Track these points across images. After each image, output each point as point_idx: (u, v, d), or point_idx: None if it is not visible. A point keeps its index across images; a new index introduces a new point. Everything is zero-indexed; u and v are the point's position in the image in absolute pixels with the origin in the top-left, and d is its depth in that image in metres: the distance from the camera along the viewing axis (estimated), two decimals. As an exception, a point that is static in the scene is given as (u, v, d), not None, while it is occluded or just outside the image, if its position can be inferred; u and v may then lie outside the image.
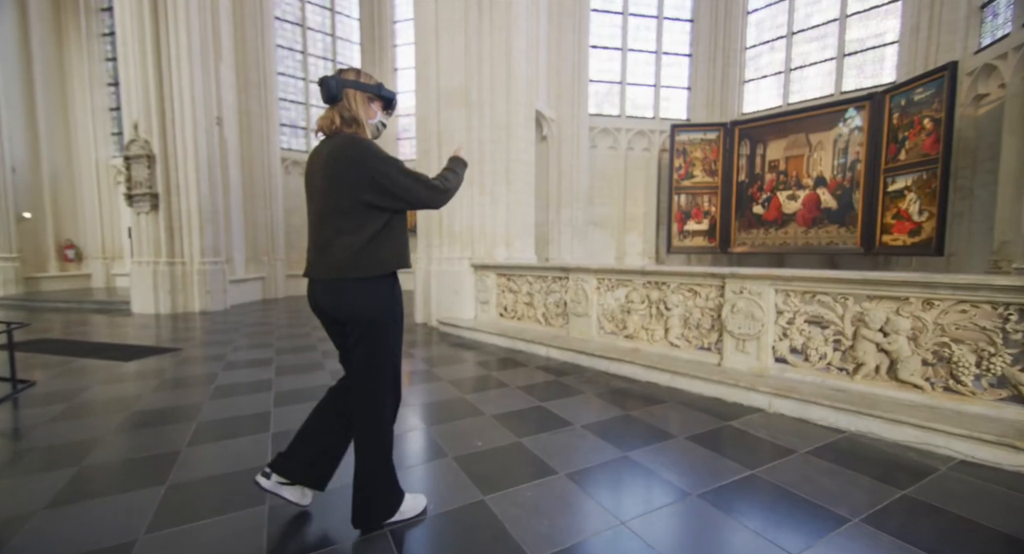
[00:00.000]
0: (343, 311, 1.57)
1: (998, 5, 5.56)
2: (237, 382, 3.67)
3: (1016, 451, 2.15)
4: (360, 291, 1.55)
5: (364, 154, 1.50)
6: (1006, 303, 2.42)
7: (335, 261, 1.53)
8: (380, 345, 1.60)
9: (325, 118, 1.59)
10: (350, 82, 1.58)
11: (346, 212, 1.52)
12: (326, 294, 1.58)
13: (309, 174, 1.64)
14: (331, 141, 1.57)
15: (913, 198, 5.63)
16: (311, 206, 1.63)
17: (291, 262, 10.91)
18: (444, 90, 5.89)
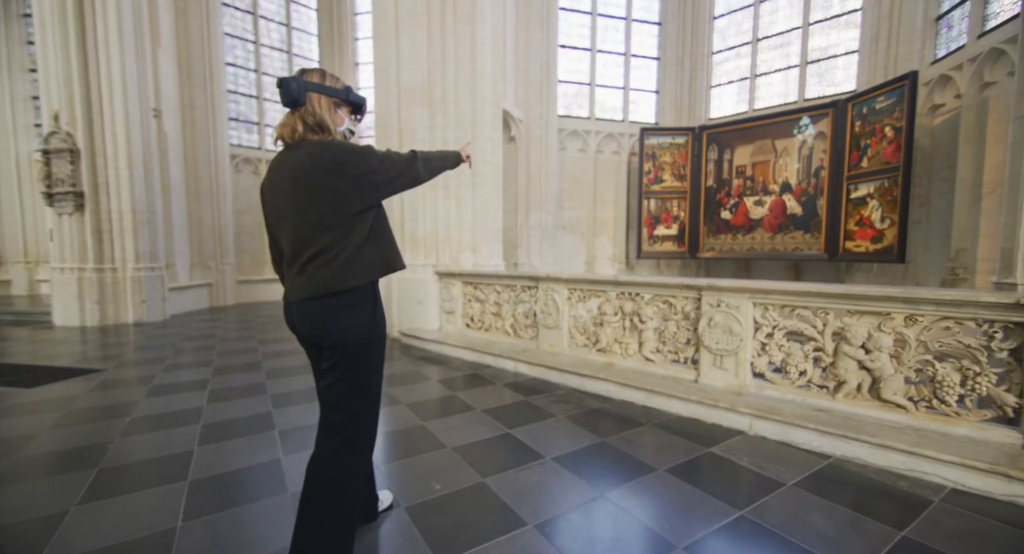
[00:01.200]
0: (324, 334, 1.42)
1: (952, 18, 5.72)
2: (160, 412, 3.20)
3: (1008, 480, 2.04)
4: (342, 309, 1.40)
5: (343, 159, 1.35)
6: (991, 320, 2.32)
7: (320, 280, 1.38)
8: (361, 371, 1.45)
9: (285, 125, 1.42)
10: (314, 85, 1.42)
11: (331, 227, 1.37)
12: (305, 317, 1.44)
13: (272, 188, 1.45)
14: (297, 151, 1.40)
15: (875, 205, 5.70)
16: (281, 224, 1.44)
17: (242, 267, 10.19)
18: (405, 86, 5.52)
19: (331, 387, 1.45)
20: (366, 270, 1.43)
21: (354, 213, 1.39)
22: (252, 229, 10.49)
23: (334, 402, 1.46)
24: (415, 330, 5.49)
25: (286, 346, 5.38)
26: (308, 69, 1.46)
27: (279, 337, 5.97)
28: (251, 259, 10.47)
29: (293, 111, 1.42)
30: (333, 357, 1.42)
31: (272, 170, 1.47)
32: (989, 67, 5.02)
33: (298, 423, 3.00)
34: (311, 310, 1.42)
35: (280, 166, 1.43)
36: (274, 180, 1.44)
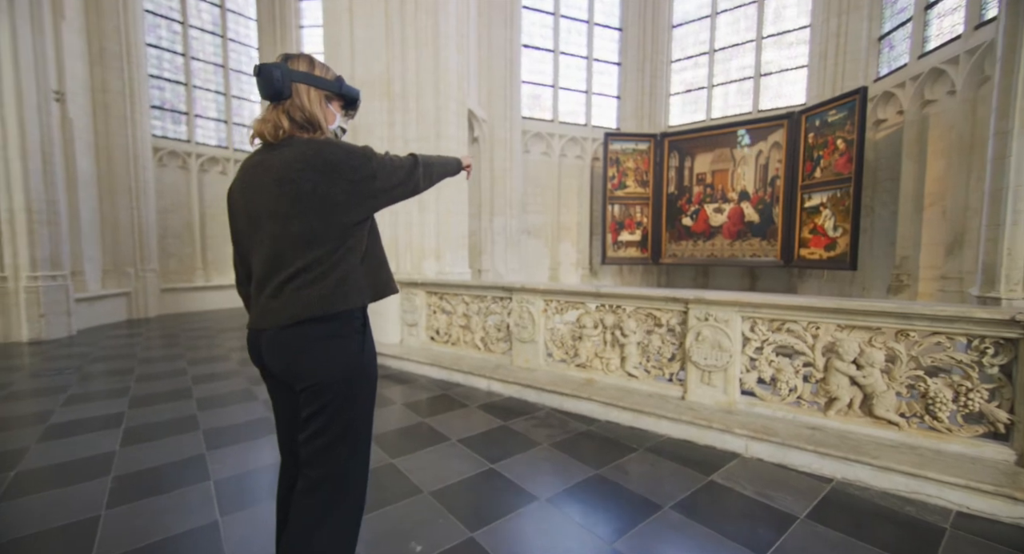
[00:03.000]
0: (302, 371, 1.18)
1: (894, 38, 6.09)
2: (57, 462, 2.58)
3: (1015, 502, 2.00)
4: (326, 339, 1.18)
5: (340, 160, 1.15)
6: (982, 336, 2.32)
7: (301, 302, 1.15)
8: (351, 415, 1.22)
9: (265, 121, 1.19)
10: (301, 75, 1.20)
11: (319, 241, 1.16)
12: (279, 349, 1.18)
13: (245, 193, 1.22)
14: (282, 150, 1.17)
15: (828, 214, 5.93)
16: (254, 236, 1.21)
17: (167, 273, 9.10)
18: (361, 79, 5.04)
19: (311, 440, 1.20)
20: (357, 293, 1.22)
21: (348, 225, 1.19)
22: (179, 230, 9.42)
23: (315, 459, 1.20)
24: (373, 344, 5.01)
25: (222, 366, 4.72)
26: (292, 55, 1.22)
27: (213, 355, 5.27)
28: (178, 264, 9.39)
29: (275, 105, 1.19)
30: (314, 402, 1.18)
31: (246, 171, 1.23)
32: (929, 86, 5.35)
33: (239, 468, 2.51)
34: (287, 340, 1.17)
35: (258, 167, 1.20)
36: (249, 183, 1.20)
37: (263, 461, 2.59)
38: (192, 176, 9.63)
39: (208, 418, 3.26)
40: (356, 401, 1.24)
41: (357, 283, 1.22)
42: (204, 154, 9.83)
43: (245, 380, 4.20)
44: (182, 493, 2.25)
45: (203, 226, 9.78)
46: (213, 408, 3.47)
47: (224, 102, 10.36)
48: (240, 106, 10.62)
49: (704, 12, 8.22)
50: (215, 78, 10.28)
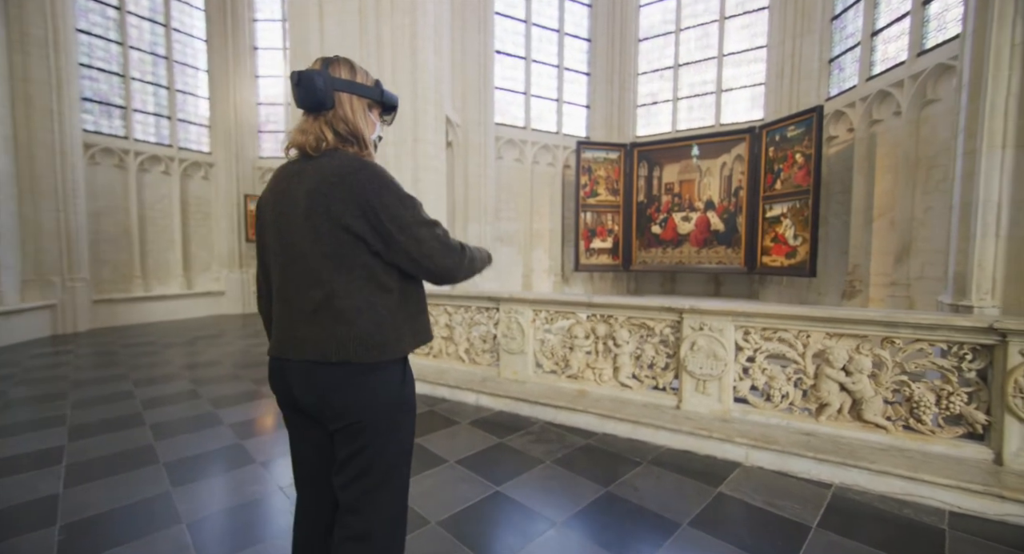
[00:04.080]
0: (341, 409, 1.08)
1: (844, 61, 6.56)
2: (-16, 514, 2.18)
3: (1002, 500, 2.13)
4: (368, 375, 1.08)
5: (376, 183, 1.05)
6: (961, 342, 2.47)
7: (329, 337, 1.06)
8: (395, 451, 1.13)
9: (306, 133, 1.09)
10: (343, 83, 1.11)
11: (346, 264, 1.06)
12: (312, 385, 1.08)
13: (278, 203, 1.13)
14: (320, 161, 1.08)
15: (788, 224, 6.27)
16: (283, 251, 1.12)
17: (100, 283, 8.23)
18: (332, 76, 4.77)
19: (352, 484, 1.10)
20: (397, 341, 1.12)
21: (374, 260, 1.10)
22: (115, 235, 8.54)
23: (359, 504, 1.10)
24: (346, 358, 4.73)
25: (176, 387, 4.27)
26: (332, 59, 1.13)
27: (163, 374, 4.77)
28: (113, 273, 8.51)
29: (317, 115, 1.10)
30: (353, 441, 1.09)
31: (279, 181, 1.15)
32: (877, 106, 5.80)
33: (214, 506, 2.23)
34: (323, 375, 1.07)
35: (293, 177, 1.11)
36: (282, 193, 1.12)
37: (244, 496, 2.33)
38: (130, 175, 8.79)
39: (168, 448, 2.91)
40: (399, 436, 1.14)
41: (397, 329, 1.12)
42: (144, 152, 9.00)
43: (207, 403, 3.81)
44: (150, 542, 1.96)
45: (143, 230, 8.94)
46: (172, 436, 3.10)
47: (168, 96, 9.56)
48: (185, 101, 9.85)
49: (669, 28, 8.54)
50: (157, 70, 9.47)
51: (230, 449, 2.90)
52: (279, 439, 3.08)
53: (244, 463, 2.70)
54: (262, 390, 4.18)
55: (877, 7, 5.95)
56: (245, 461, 2.73)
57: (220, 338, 6.96)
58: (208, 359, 5.47)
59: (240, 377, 4.64)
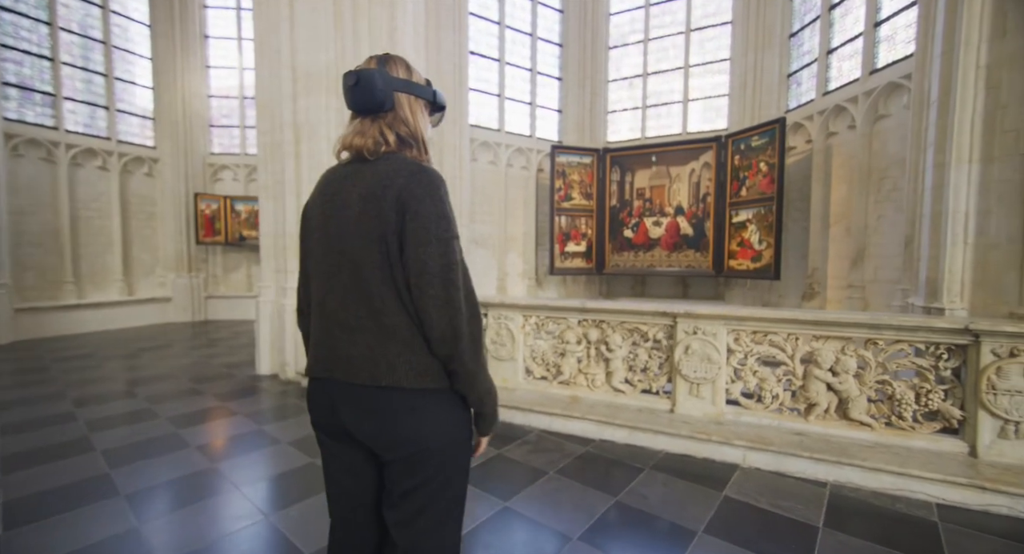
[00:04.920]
0: (402, 438, 0.97)
1: (801, 76, 6.97)
2: (-96, 569, 1.84)
3: (982, 491, 2.27)
4: (429, 404, 0.98)
5: (424, 189, 0.95)
6: (937, 343, 2.63)
7: (379, 358, 0.96)
8: (457, 483, 1.04)
9: (364, 135, 1.01)
10: (402, 83, 1.03)
11: (397, 276, 0.96)
12: (366, 409, 0.98)
13: (324, 206, 1.04)
14: (376, 164, 1.00)
15: (753, 229, 6.56)
16: (327, 257, 1.02)
17: (24, 289, 7.36)
18: (304, 71, 4.51)
19: (412, 522, 1.00)
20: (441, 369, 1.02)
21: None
22: (41, 237, 7.67)
23: (420, 544, 1.01)
24: (320, 369, 4.46)
25: (126, 405, 3.86)
26: (388, 57, 1.05)
27: (109, 392, 4.30)
28: (39, 278, 7.64)
29: (375, 118, 1.02)
30: (413, 473, 0.98)
31: (329, 183, 1.05)
32: (832, 120, 6.20)
33: (194, 544, 1.99)
34: (382, 400, 0.96)
35: (346, 180, 1.01)
36: (333, 196, 1.02)
37: (227, 529, 2.10)
38: (61, 170, 7.93)
39: (128, 477, 2.59)
40: (461, 465, 1.04)
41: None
42: (77, 145, 8.16)
43: (167, 423, 3.46)
44: (122, 590, 1.71)
45: (75, 232, 8.09)
46: (131, 462, 2.77)
47: (105, 84, 8.73)
48: (126, 90, 9.03)
49: (638, 37, 8.77)
50: (93, 55, 8.63)
51: (202, 475, 2.63)
52: (258, 461, 2.83)
53: (221, 490, 2.45)
54: (229, 406, 3.85)
55: (832, 27, 6.37)
56: (222, 488, 2.48)
57: (169, 349, 6.40)
58: (160, 373, 4.99)
59: (201, 392, 4.26)
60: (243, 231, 9.75)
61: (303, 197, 4.56)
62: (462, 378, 0.99)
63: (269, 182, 4.90)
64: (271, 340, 4.87)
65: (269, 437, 3.20)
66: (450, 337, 0.95)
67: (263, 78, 4.92)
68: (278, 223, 4.81)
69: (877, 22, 5.58)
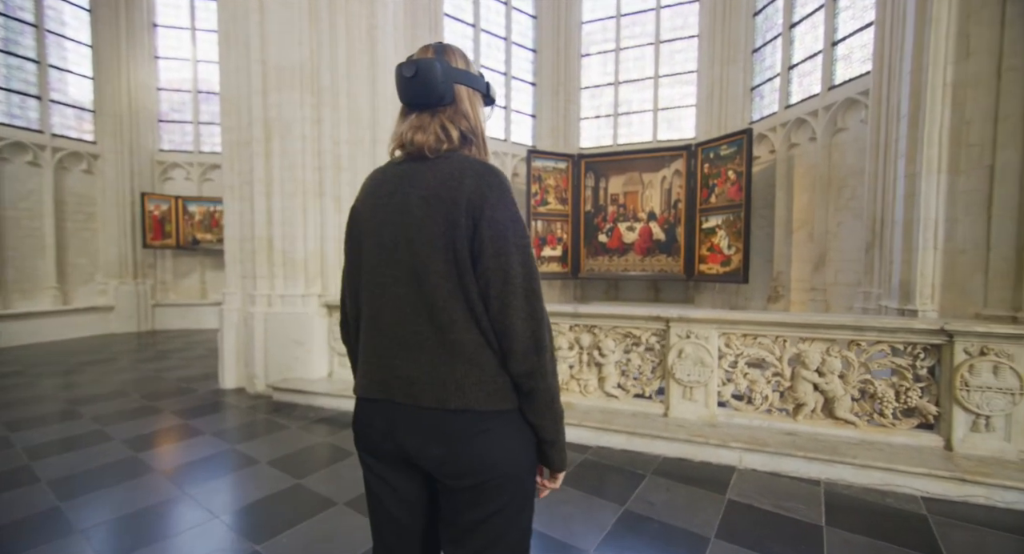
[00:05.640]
0: (477, 464, 0.87)
1: (763, 90, 7.34)
2: None
3: (962, 483, 2.40)
4: (501, 427, 0.90)
5: (497, 193, 0.87)
6: (915, 343, 2.78)
7: (446, 378, 0.87)
8: (526, 516, 0.95)
9: (424, 130, 0.92)
10: (462, 73, 0.96)
11: (465, 287, 0.87)
12: (432, 434, 0.89)
13: (376, 209, 0.95)
14: (436, 165, 0.91)
15: (723, 235, 6.81)
16: (380, 266, 0.93)
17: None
18: (276, 65, 4.26)
19: (478, 548, 0.91)
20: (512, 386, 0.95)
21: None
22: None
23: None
24: (293, 381, 4.19)
25: (71, 427, 3.46)
26: (446, 47, 0.97)
27: (48, 412, 3.85)
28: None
29: (434, 111, 0.93)
30: (487, 502, 0.89)
31: (381, 184, 0.96)
32: (794, 131, 6.55)
33: (176, 586, 1.78)
34: (452, 423, 0.88)
35: (404, 181, 0.92)
36: (387, 198, 0.93)
37: (210, 566, 1.89)
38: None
39: (83, 510, 2.30)
40: (529, 492, 0.96)
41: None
42: (4, 137, 7.37)
43: (123, 445, 3.12)
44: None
45: (1, 233, 7.28)
46: (84, 493, 2.46)
47: (37, 72, 7.94)
48: (62, 80, 8.25)
49: (609, 46, 8.95)
50: (22, 39, 7.83)
51: (172, 504, 2.37)
52: (236, 484, 2.59)
53: (198, 520, 2.22)
54: (193, 424, 3.53)
55: (792, 44, 6.75)
56: (198, 517, 2.24)
57: (114, 363, 5.85)
58: (106, 389, 4.53)
59: (158, 410, 3.90)
60: (197, 234, 9.12)
61: (274, 198, 4.30)
62: (541, 395, 0.91)
63: (235, 182, 4.58)
64: (237, 351, 4.53)
65: (244, 457, 2.95)
66: (532, 350, 0.88)
67: (228, 72, 4.61)
68: (245, 226, 4.50)
69: (835, 41, 5.96)
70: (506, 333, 0.87)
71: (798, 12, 6.64)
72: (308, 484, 2.58)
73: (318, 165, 4.34)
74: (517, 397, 0.91)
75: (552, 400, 0.92)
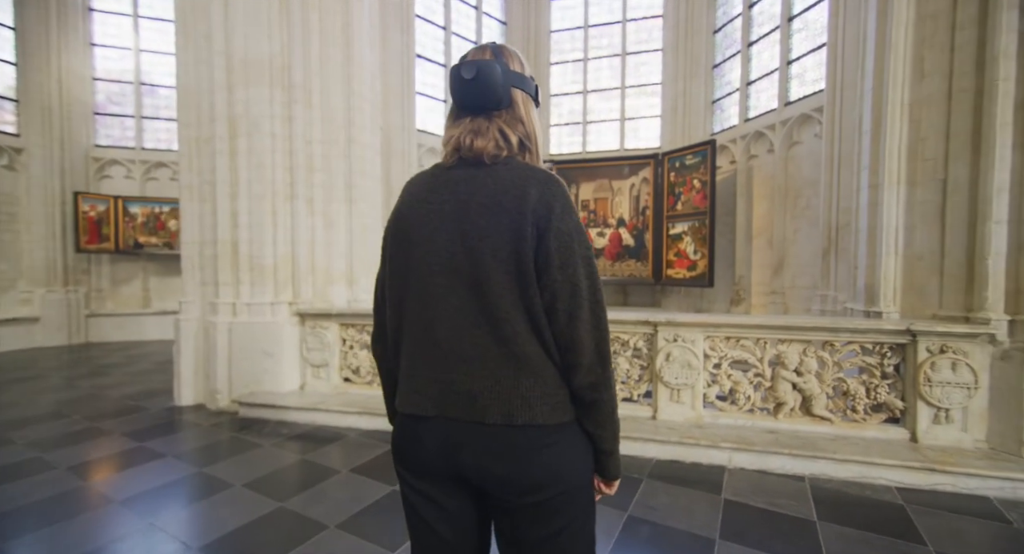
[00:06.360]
0: (543, 478, 0.83)
1: (724, 104, 7.72)
2: None
3: (932, 472, 2.59)
4: (564, 439, 0.87)
5: (562, 202, 0.84)
6: (882, 343, 2.98)
7: (511, 392, 0.83)
8: (590, 530, 0.92)
9: (483, 136, 0.88)
10: (518, 77, 0.92)
11: (530, 296, 0.83)
12: (492, 454, 0.84)
13: (429, 216, 0.89)
14: (495, 171, 0.87)
15: (689, 241, 7.08)
16: (431, 275, 0.88)
17: None
18: (242, 59, 4.01)
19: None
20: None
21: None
22: None
23: None
24: (262, 395, 3.92)
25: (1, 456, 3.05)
26: (502, 47, 0.94)
27: (-27, 440, 3.38)
28: None
29: (490, 115, 0.89)
30: (554, 518, 0.85)
31: (432, 190, 0.91)
32: (753, 143, 6.94)
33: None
34: (511, 440, 0.84)
35: (460, 186, 0.88)
36: (442, 205, 0.89)
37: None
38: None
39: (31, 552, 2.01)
40: (592, 505, 0.93)
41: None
42: (-94, 126, 6.49)
43: (70, 474, 2.78)
44: None
45: (-100, 235, 6.39)
46: (33, 530, 2.16)
47: (-52, 55, 7.07)
48: (-21, 65, 7.39)
49: (578, 56, 9.14)
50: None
51: (139, 536, 2.13)
52: (210, 511, 2.37)
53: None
54: (150, 446, 3.21)
55: (750, 62, 7.16)
56: (171, 551, 2.02)
57: (45, 380, 5.27)
58: (39, 410, 4.05)
59: (106, 431, 3.52)
60: (139, 237, 8.41)
61: (240, 199, 4.02)
62: (604, 407, 0.89)
63: (194, 182, 4.26)
64: (196, 364, 4.19)
65: (215, 480, 2.71)
66: (598, 362, 0.86)
67: (186, 64, 4.29)
68: (206, 229, 4.19)
69: (790, 60, 6.38)
70: (572, 346, 0.85)
71: (755, 32, 7.06)
72: (293, 507, 2.40)
73: (289, 165, 4.11)
74: (575, 408, 0.89)
75: (613, 411, 0.91)
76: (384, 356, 1.01)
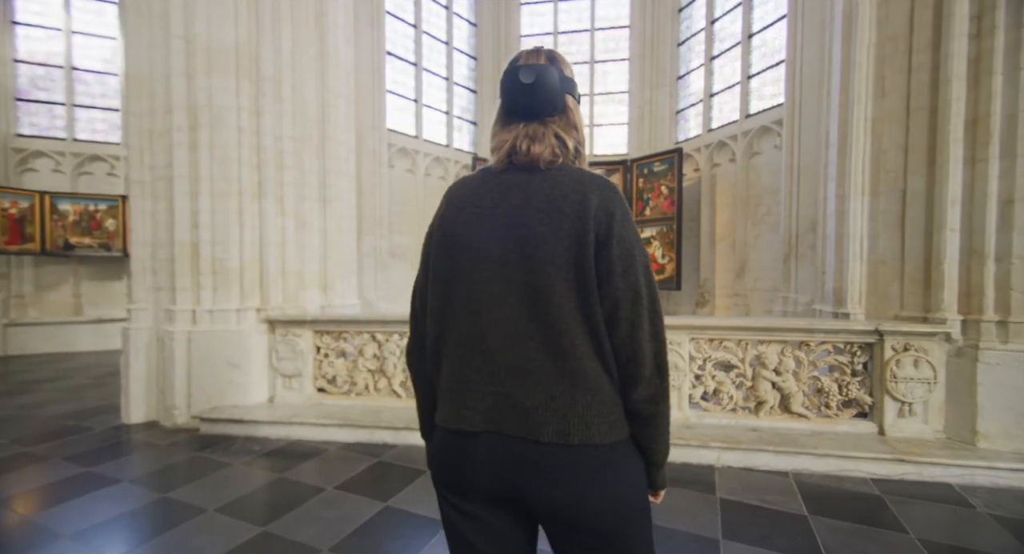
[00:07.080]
0: (605, 502, 0.80)
1: (688, 115, 8.04)
2: None
3: (902, 463, 2.77)
4: (618, 461, 0.83)
5: (621, 209, 0.83)
6: (853, 342, 3.17)
7: (567, 409, 0.79)
8: (649, 543, 0.87)
9: (539, 142, 0.85)
10: (570, 83, 0.91)
11: (588, 307, 0.80)
12: (548, 475, 0.79)
13: (479, 222, 0.86)
14: (551, 176, 0.84)
15: (657, 245, 7.29)
16: (482, 284, 0.84)
17: None
18: (205, 45, 3.71)
19: None
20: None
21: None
22: None
23: None
24: (226, 410, 3.62)
25: (-84, 491, 2.62)
26: (553, 53, 0.93)
27: None
28: None
29: (545, 121, 0.88)
30: (614, 542, 0.82)
31: (480, 195, 0.88)
32: (716, 153, 7.26)
33: None
34: (568, 460, 0.80)
35: (512, 192, 0.85)
36: (491, 210, 0.86)
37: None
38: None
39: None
40: (649, 529, 0.90)
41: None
42: None
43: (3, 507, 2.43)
44: None
45: None
46: (-39, 580, 1.86)
47: None
48: None
49: (547, 61, 9.20)
50: None
51: (101, 577, 1.88)
52: (183, 541, 2.14)
53: (144, 595, 1.78)
54: (100, 471, 2.88)
55: (712, 75, 7.50)
56: (144, 591, 1.80)
57: (-40, 399, 4.62)
58: (-42, 435, 3.54)
59: (43, 457, 3.13)
60: (70, 237, 7.60)
61: (202, 197, 3.72)
62: (660, 420, 0.87)
63: (146, 177, 3.89)
64: (148, 377, 3.81)
65: (183, 505, 2.45)
66: (656, 374, 0.84)
67: (138, 48, 3.91)
68: (160, 229, 3.83)
69: (750, 75, 6.74)
70: (633, 356, 0.82)
71: (717, 46, 7.42)
72: (277, 531, 2.22)
73: (257, 162, 3.85)
74: (630, 424, 0.86)
75: (667, 423, 0.89)
76: (422, 368, 0.96)
